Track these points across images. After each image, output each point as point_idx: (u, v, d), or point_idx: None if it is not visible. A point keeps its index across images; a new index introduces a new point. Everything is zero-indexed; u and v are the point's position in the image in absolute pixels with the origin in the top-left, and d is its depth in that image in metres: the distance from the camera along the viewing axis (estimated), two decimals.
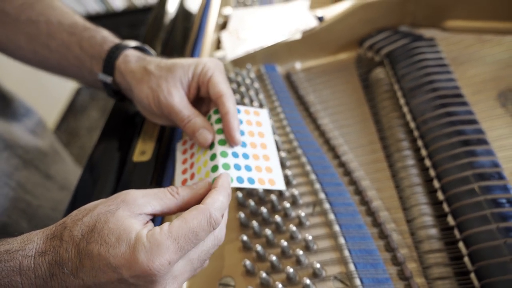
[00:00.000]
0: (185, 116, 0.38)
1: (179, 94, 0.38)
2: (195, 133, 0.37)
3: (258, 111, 0.40)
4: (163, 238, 0.26)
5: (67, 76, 0.49)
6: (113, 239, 0.25)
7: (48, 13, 0.46)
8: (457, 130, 0.41)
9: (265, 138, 0.38)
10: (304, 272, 0.35)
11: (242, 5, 0.70)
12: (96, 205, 0.28)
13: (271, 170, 0.35)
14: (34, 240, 0.27)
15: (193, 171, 0.37)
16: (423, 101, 0.45)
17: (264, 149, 0.37)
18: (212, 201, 0.29)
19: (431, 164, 0.40)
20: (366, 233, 0.37)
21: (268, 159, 0.36)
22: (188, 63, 0.39)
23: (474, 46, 0.53)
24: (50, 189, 0.62)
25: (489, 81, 0.49)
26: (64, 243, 0.26)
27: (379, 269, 0.34)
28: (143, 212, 0.28)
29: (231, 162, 0.35)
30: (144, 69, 0.39)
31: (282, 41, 0.57)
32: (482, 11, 0.53)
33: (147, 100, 0.39)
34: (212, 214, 0.28)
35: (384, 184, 0.43)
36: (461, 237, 0.34)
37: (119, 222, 0.26)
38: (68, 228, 0.27)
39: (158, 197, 0.29)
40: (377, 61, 0.55)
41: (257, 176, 0.34)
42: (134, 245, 0.25)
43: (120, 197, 0.28)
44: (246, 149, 0.36)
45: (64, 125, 2.10)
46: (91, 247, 0.25)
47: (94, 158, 0.44)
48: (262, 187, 0.34)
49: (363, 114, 0.51)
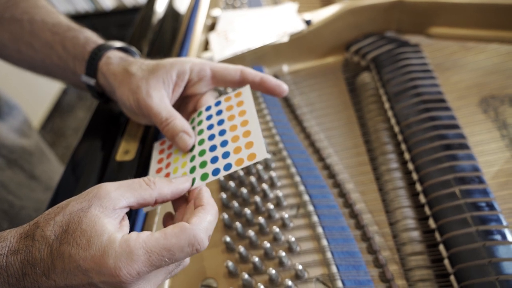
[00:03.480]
0: (163, 118, 0.37)
1: (158, 95, 0.37)
2: (174, 137, 0.36)
3: (240, 91, 0.39)
4: (136, 247, 0.25)
5: (52, 77, 0.48)
6: (84, 241, 0.25)
7: (32, 12, 0.46)
8: (439, 135, 0.41)
9: (246, 115, 0.36)
10: (287, 273, 0.35)
11: (231, 7, 0.70)
12: (68, 202, 0.27)
13: (252, 144, 0.33)
14: (7, 238, 0.26)
15: (169, 170, 0.36)
16: (407, 106, 0.46)
17: (245, 126, 0.35)
18: (199, 221, 0.27)
19: (414, 167, 0.41)
20: (349, 235, 0.37)
21: (249, 134, 0.35)
22: (171, 63, 0.39)
23: (458, 53, 0.54)
24: (35, 190, 0.60)
25: (471, 88, 0.50)
26: (37, 243, 0.25)
27: (361, 271, 0.34)
28: (117, 206, 0.27)
29: (208, 158, 0.35)
30: (125, 71, 0.39)
31: (270, 44, 0.57)
32: (465, 19, 0.54)
33: (128, 102, 0.38)
34: (197, 236, 0.26)
35: (368, 187, 0.43)
36: (442, 239, 0.35)
37: (91, 223, 0.25)
38: (40, 228, 0.26)
39: (132, 189, 0.28)
40: (363, 66, 0.56)
41: (235, 159, 0.34)
42: (105, 248, 0.24)
43: (92, 192, 0.27)
44: (225, 136, 0.35)
45: (50, 124, 2.07)
46: (63, 249, 0.25)
47: (77, 157, 0.44)
48: (242, 166, 0.33)
49: (349, 117, 0.52)
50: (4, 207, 0.53)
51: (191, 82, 0.39)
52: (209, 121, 0.37)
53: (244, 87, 0.38)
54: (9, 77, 1.57)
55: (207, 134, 0.36)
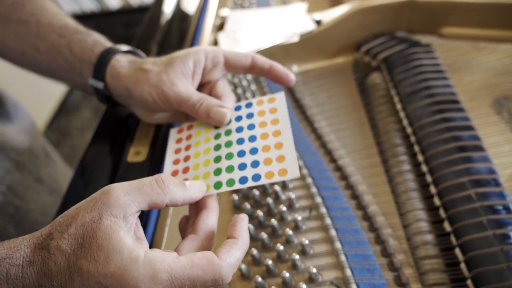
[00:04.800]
0: (195, 100, 0.36)
1: (182, 83, 0.37)
2: (209, 113, 0.36)
3: (274, 97, 0.38)
4: (160, 271, 0.24)
5: (57, 79, 0.48)
6: (102, 257, 0.24)
7: (39, 14, 0.45)
8: (453, 136, 0.41)
9: (279, 124, 0.35)
10: (300, 276, 0.35)
11: (240, 7, 0.70)
12: (77, 211, 0.26)
13: (283, 158, 0.32)
14: (21, 248, 0.25)
15: (188, 165, 0.35)
16: (420, 107, 0.45)
17: (277, 137, 0.34)
18: (228, 257, 0.26)
19: (427, 169, 0.40)
20: (363, 238, 0.37)
21: (282, 146, 0.33)
22: (185, 53, 0.38)
23: (470, 53, 0.54)
24: (41, 193, 0.60)
25: (484, 88, 0.50)
26: (53, 256, 0.25)
27: (375, 274, 0.34)
28: (128, 213, 0.26)
29: (235, 163, 0.33)
30: (140, 70, 0.38)
31: (279, 44, 0.56)
32: (478, 19, 0.53)
33: (151, 97, 0.37)
34: (222, 273, 0.26)
35: (380, 189, 0.42)
36: (458, 243, 0.34)
37: (107, 236, 0.25)
38: (54, 240, 0.25)
39: (143, 192, 0.27)
40: (374, 66, 0.55)
41: (264, 171, 0.32)
42: (126, 267, 0.24)
43: (100, 199, 0.26)
44: (256, 143, 0.34)
45: (55, 124, 2.08)
46: (80, 264, 0.24)
47: (86, 159, 0.43)
48: (270, 181, 0.32)
49: (359, 118, 0.51)
50: (10, 211, 0.52)
51: (206, 70, 0.39)
52: (238, 122, 0.36)
53: (278, 94, 0.38)
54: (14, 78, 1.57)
55: (236, 136, 0.35)
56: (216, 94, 0.39)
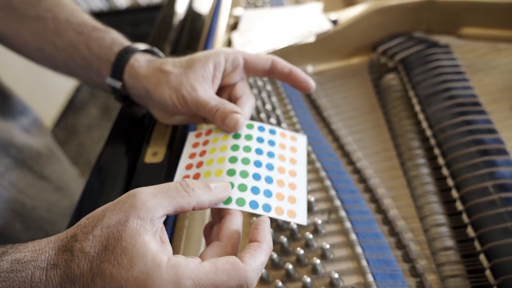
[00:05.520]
0: (213, 106, 0.36)
1: (202, 87, 0.37)
2: (224, 119, 0.35)
3: (296, 136, 0.38)
4: (184, 277, 0.24)
5: (74, 76, 0.48)
6: (125, 260, 0.24)
7: (56, 10, 0.45)
8: (476, 139, 0.40)
9: (296, 166, 0.35)
10: (321, 281, 0.34)
11: (253, 6, 0.69)
12: (104, 212, 0.26)
13: (294, 200, 0.32)
14: (46, 251, 0.25)
15: (199, 171, 0.34)
16: (441, 109, 0.44)
17: (292, 177, 0.34)
18: (253, 261, 0.26)
19: (449, 173, 0.40)
20: (384, 242, 0.36)
21: (295, 188, 0.33)
22: (205, 55, 0.38)
23: (489, 54, 0.53)
24: (45, 190, 0.59)
25: (504, 91, 0.48)
26: (76, 258, 0.24)
27: (398, 280, 0.33)
28: (155, 217, 0.26)
29: (249, 184, 0.32)
30: (159, 71, 0.38)
31: (294, 44, 0.56)
32: (498, 19, 0.52)
33: (171, 100, 0.37)
34: (248, 278, 0.25)
35: (399, 192, 0.42)
36: (482, 249, 0.33)
37: (132, 240, 0.24)
38: (79, 242, 0.25)
39: (169, 196, 0.27)
40: (390, 67, 0.54)
41: (275, 204, 0.32)
42: (149, 272, 0.23)
43: (128, 202, 0.26)
44: (272, 173, 0.34)
45: (63, 122, 2.08)
46: (104, 266, 0.24)
47: (102, 161, 0.43)
48: (279, 217, 0.31)
49: (376, 120, 0.50)
50: (16, 207, 0.52)
51: (225, 72, 0.39)
52: (259, 144, 0.36)
53: (300, 136, 0.37)
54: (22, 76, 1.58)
55: (254, 157, 0.35)
56: (236, 95, 0.39)
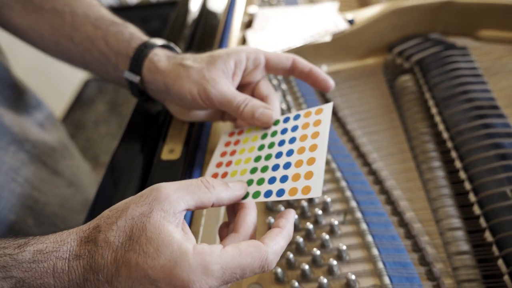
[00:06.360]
0: (240, 101, 0.36)
1: (224, 82, 0.37)
2: (254, 114, 0.35)
3: (322, 108, 0.36)
4: (212, 262, 0.24)
5: (90, 70, 0.48)
6: (151, 249, 0.24)
7: (74, 4, 0.45)
8: (494, 143, 0.40)
9: (318, 138, 0.34)
10: (336, 282, 0.34)
11: (267, 4, 0.69)
12: (127, 204, 0.26)
13: (311, 175, 0.32)
14: (68, 242, 0.25)
15: (227, 170, 0.35)
16: (458, 112, 0.44)
17: (312, 152, 0.33)
18: (273, 243, 0.27)
19: (466, 176, 0.39)
20: (400, 245, 0.36)
21: (313, 162, 0.33)
22: (227, 53, 0.38)
23: (506, 57, 0.52)
24: (58, 186, 0.60)
25: None
26: (100, 249, 0.25)
27: (415, 283, 0.33)
28: (177, 210, 0.26)
29: (267, 176, 0.33)
30: (180, 65, 0.38)
31: (310, 43, 0.55)
32: None
33: (190, 95, 0.37)
34: (269, 259, 0.26)
35: (415, 194, 0.41)
36: (501, 254, 0.33)
37: (156, 230, 0.25)
38: (102, 232, 0.25)
39: (191, 191, 0.27)
40: (406, 68, 0.54)
41: (290, 187, 0.32)
42: (176, 259, 0.24)
43: (152, 195, 0.26)
44: (291, 158, 0.34)
45: (71, 117, 2.10)
46: (129, 256, 0.24)
47: (117, 157, 0.43)
48: (292, 198, 0.32)
49: (392, 121, 0.50)
50: (29, 203, 0.52)
51: (246, 71, 0.39)
52: (283, 135, 0.36)
53: (327, 105, 0.36)
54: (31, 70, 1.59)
55: (276, 150, 0.35)
56: (261, 94, 0.39)
